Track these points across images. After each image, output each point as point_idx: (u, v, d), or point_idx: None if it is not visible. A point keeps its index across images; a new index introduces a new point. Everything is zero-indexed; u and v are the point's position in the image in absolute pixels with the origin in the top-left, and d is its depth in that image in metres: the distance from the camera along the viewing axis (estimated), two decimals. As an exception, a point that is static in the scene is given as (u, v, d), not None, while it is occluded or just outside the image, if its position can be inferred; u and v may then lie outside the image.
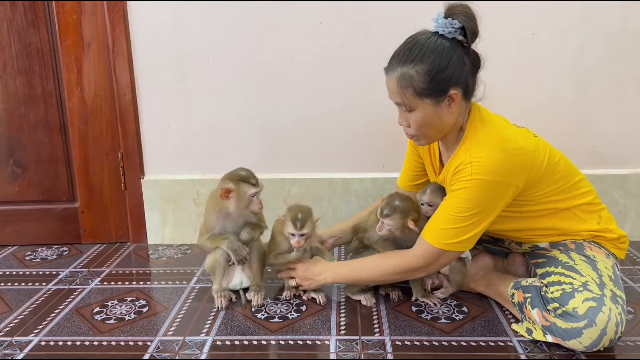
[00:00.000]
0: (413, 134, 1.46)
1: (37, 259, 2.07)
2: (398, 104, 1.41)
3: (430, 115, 1.39)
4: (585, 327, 1.26)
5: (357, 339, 1.43)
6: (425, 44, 1.34)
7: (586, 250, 1.46)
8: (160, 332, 1.49)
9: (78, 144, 2.12)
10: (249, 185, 1.55)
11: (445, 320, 1.52)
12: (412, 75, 1.34)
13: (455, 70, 1.34)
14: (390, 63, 1.39)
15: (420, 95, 1.35)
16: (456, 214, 1.38)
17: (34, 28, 2.02)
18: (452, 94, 1.36)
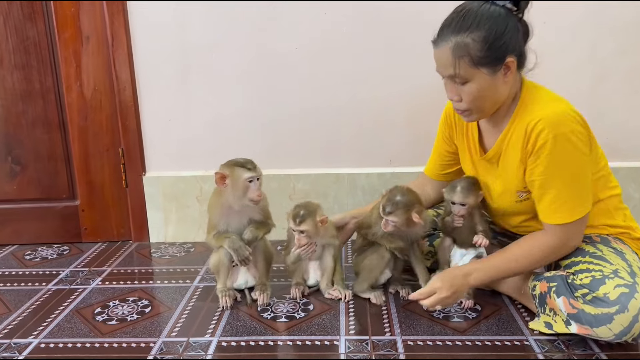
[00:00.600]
0: (465, 109, 1.37)
1: (37, 258, 2.03)
2: (450, 76, 1.33)
3: (486, 86, 1.32)
4: (617, 312, 1.21)
5: (367, 339, 1.38)
6: (479, 11, 1.28)
7: (612, 243, 1.42)
8: (164, 333, 1.45)
9: (78, 140, 2.07)
10: (244, 170, 1.49)
11: (458, 319, 1.47)
12: (467, 44, 1.27)
13: (512, 37, 1.29)
14: (440, 34, 1.32)
15: (477, 65, 1.29)
16: (564, 182, 1.31)
17: (31, 21, 1.97)
18: (509, 62, 1.30)
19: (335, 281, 1.63)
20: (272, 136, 2.06)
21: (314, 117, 2.04)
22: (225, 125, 2.05)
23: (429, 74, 1.97)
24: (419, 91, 1.99)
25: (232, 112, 2.04)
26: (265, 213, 1.61)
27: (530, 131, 1.31)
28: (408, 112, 2.02)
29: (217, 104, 2.04)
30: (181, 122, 2.06)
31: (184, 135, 2.07)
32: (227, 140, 2.06)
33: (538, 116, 1.30)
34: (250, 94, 2.02)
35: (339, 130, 2.05)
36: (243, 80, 2.01)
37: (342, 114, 2.03)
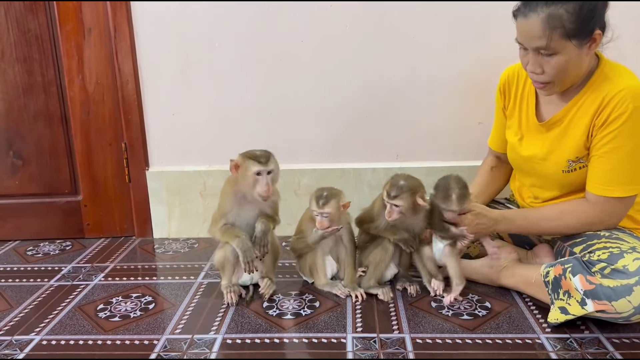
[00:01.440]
0: (547, 81, 1.34)
1: (39, 254, 2.00)
2: (538, 48, 1.29)
3: (574, 59, 1.30)
4: (637, 284, 1.20)
5: (375, 336, 1.35)
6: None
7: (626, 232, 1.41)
8: (168, 330, 1.42)
9: (80, 134, 2.04)
10: (254, 162, 1.46)
11: (468, 317, 1.44)
12: (561, 15, 1.24)
13: (601, 10, 1.28)
14: (528, 3, 1.28)
15: (569, 37, 1.26)
16: (626, 154, 1.30)
17: (32, 13, 1.94)
18: (596, 35, 1.28)
19: (347, 281, 1.60)
20: (277, 130, 2.03)
21: (319, 112, 2.01)
22: (229, 119, 2.02)
23: (437, 67, 1.96)
24: (427, 85, 1.96)
25: (236, 107, 2.01)
26: (274, 209, 1.59)
27: (610, 100, 1.30)
28: (415, 106, 1.98)
29: (221, 98, 2.01)
30: (185, 116, 2.03)
31: (187, 130, 2.04)
32: (231, 135, 2.03)
33: (621, 85, 1.29)
34: (255, 88, 1.99)
35: (344, 124, 2.02)
36: (247, 74, 1.98)
37: (348, 108, 2.00)
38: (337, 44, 1.93)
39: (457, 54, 1.92)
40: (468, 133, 1.97)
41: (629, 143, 1.30)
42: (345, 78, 1.97)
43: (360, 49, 1.93)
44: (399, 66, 1.94)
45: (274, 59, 1.96)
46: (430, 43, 1.92)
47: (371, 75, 1.96)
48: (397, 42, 1.92)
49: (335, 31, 1.92)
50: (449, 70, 1.93)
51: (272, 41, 1.94)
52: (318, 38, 1.93)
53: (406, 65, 1.94)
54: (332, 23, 1.91)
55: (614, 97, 1.29)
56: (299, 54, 1.95)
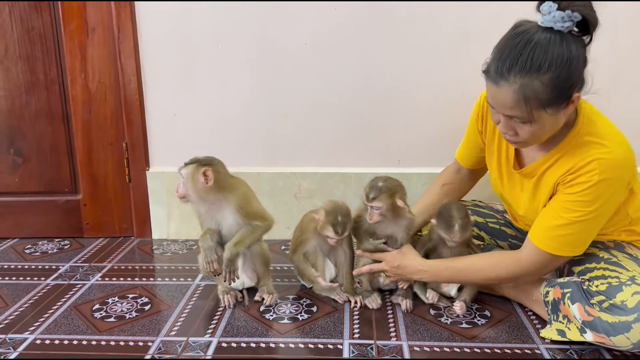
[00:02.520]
0: (519, 141, 1.27)
1: (37, 252, 1.99)
2: (511, 116, 1.21)
3: (549, 124, 1.21)
4: (636, 321, 1.17)
5: (372, 343, 1.34)
6: (548, 48, 1.13)
7: (626, 249, 1.37)
8: (163, 331, 1.41)
9: (81, 133, 2.03)
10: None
11: (467, 325, 1.42)
12: (536, 87, 1.14)
13: (580, 73, 1.17)
14: (499, 69, 1.16)
15: (544, 107, 1.16)
16: (574, 217, 1.25)
17: (36, 12, 1.93)
18: (574, 98, 1.19)
19: (346, 286, 1.58)
20: (279, 133, 2.02)
21: (321, 115, 2.00)
22: (230, 121, 2.01)
23: (439, 72, 1.94)
24: (429, 90, 1.95)
25: (238, 108, 2.00)
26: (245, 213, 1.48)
27: (580, 167, 1.24)
28: (417, 111, 1.97)
29: (223, 99, 2.00)
30: (186, 117, 2.02)
31: (188, 131, 2.03)
32: (232, 136, 2.02)
33: (593, 155, 1.22)
34: (256, 90, 1.98)
35: (346, 128, 2.00)
36: (250, 76, 1.97)
37: (350, 112, 1.98)
38: (340, 48, 1.92)
39: (460, 60, 1.91)
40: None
41: (586, 210, 1.25)
42: (348, 82, 1.96)
43: (364, 53, 1.92)
44: (402, 71, 1.93)
45: (277, 61, 1.95)
46: (434, 49, 1.91)
47: (374, 79, 1.95)
48: (401, 47, 1.91)
49: (339, 35, 1.91)
50: (452, 77, 1.92)
51: (276, 43, 1.94)
52: (321, 41, 1.92)
53: (409, 71, 1.93)
54: (336, 27, 1.90)
55: (584, 166, 1.23)
56: (302, 57, 1.94)
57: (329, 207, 1.48)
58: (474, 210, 1.69)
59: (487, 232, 1.68)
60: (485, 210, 1.70)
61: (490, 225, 1.67)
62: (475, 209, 1.70)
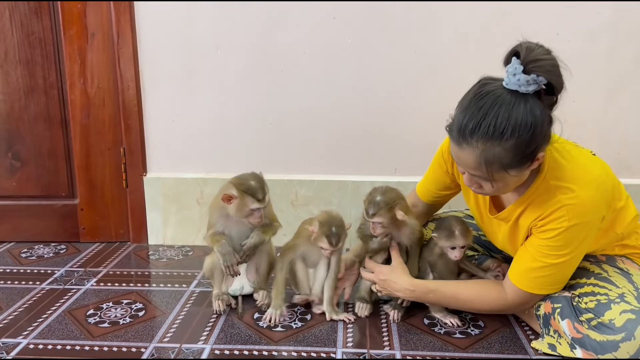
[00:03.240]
0: (484, 193, 1.28)
1: (33, 256, 2.00)
2: (473, 175, 1.21)
3: (512, 181, 1.21)
4: (623, 340, 1.17)
5: (365, 352, 1.34)
6: (512, 112, 1.10)
7: (618, 263, 1.37)
8: (156, 338, 1.41)
9: (79, 138, 2.04)
10: (252, 200, 1.44)
11: (460, 335, 1.42)
12: (498, 153, 1.12)
13: (545, 134, 1.15)
14: (461, 132, 1.15)
15: (507, 169, 1.15)
16: (550, 262, 1.26)
17: (36, 16, 1.94)
18: (539, 157, 1.17)
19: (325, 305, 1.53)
20: (276, 141, 2.03)
21: (319, 123, 2.00)
22: (228, 128, 2.02)
23: (436, 82, 1.95)
24: (426, 99, 1.95)
25: (236, 115, 2.01)
26: (271, 216, 1.57)
27: (549, 214, 1.24)
28: (414, 120, 1.98)
29: (221, 106, 2.00)
30: (184, 123, 2.03)
31: (186, 137, 2.04)
32: (230, 143, 2.03)
33: (561, 201, 1.21)
34: (255, 97, 1.99)
35: (344, 136, 2.01)
36: (248, 83, 1.98)
37: (347, 120, 1.99)
38: (338, 57, 1.93)
39: (457, 69, 1.91)
40: (467, 149, 1.96)
41: (558, 253, 1.25)
42: (346, 90, 1.97)
43: (362, 62, 1.93)
44: (400, 80, 1.94)
45: (276, 69, 1.96)
46: (431, 59, 1.92)
47: (372, 88, 1.96)
48: (399, 56, 1.92)
49: (338, 43, 1.92)
50: (449, 86, 1.92)
51: (274, 51, 1.95)
52: (320, 50, 1.93)
53: (407, 79, 1.94)
54: (335, 35, 1.92)
55: (551, 213, 1.23)
56: (300, 65, 1.95)
57: (323, 218, 1.48)
58: (468, 223, 1.68)
59: (480, 245, 1.68)
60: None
61: (483, 239, 1.66)
62: (469, 221, 1.70)
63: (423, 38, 1.90)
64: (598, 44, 1.87)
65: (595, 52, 1.88)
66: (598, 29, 1.86)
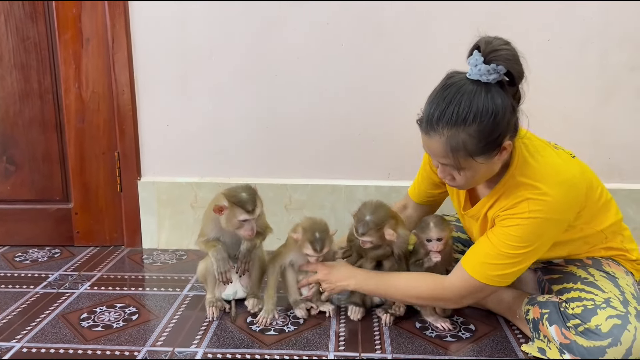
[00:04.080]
0: (457, 185, 1.32)
1: (27, 260, 2.00)
2: (444, 164, 1.26)
3: (482, 170, 1.24)
4: (609, 345, 1.18)
5: (357, 355, 1.35)
6: (473, 99, 1.16)
7: (604, 266, 1.38)
8: (149, 341, 1.41)
9: (74, 142, 2.05)
10: (242, 211, 1.44)
11: (451, 339, 1.43)
12: (463, 139, 1.17)
13: (508, 122, 1.19)
14: (429, 122, 1.21)
15: (473, 156, 1.19)
16: (505, 251, 1.27)
17: (32, 21, 1.95)
18: (505, 145, 1.21)
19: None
20: (270, 145, 2.04)
21: (312, 127, 2.02)
22: (222, 132, 2.03)
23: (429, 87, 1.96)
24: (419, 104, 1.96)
25: (230, 120, 2.02)
26: (262, 223, 1.58)
27: (512, 206, 1.26)
28: (407, 125, 1.98)
29: (216, 110, 2.02)
30: (178, 127, 2.04)
31: (180, 141, 2.05)
32: (224, 147, 2.04)
33: (524, 195, 1.24)
34: (249, 102, 2.00)
35: (337, 141, 2.03)
36: (242, 88, 1.99)
37: (341, 125, 2.01)
38: (332, 62, 1.95)
39: (450, 75, 1.93)
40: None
41: (515, 245, 1.26)
42: (339, 95, 1.98)
43: (355, 67, 1.95)
44: (392, 85, 1.96)
45: (269, 74, 1.97)
46: (424, 64, 1.93)
47: (365, 93, 1.97)
48: (391, 62, 1.94)
49: (331, 49, 1.94)
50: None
51: (268, 56, 1.96)
52: (314, 55, 1.95)
53: (399, 85, 1.95)
54: (328, 41, 1.93)
55: (514, 205, 1.26)
56: (294, 70, 1.96)
57: (306, 224, 1.49)
58: (458, 227, 1.70)
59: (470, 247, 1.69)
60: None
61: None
62: (459, 225, 1.72)
63: (415, 44, 1.91)
64: (589, 49, 1.89)
65: (586, 58, 1.90)
66: (589, 35, 1.88)
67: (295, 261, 1.56)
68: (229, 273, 1.52)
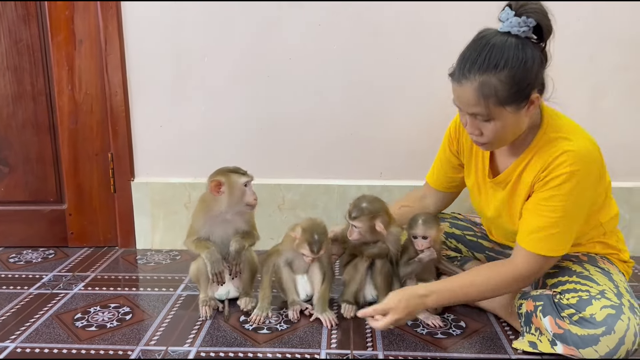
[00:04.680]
0: (485, 142, 1.32)
1: (22, 261, 2.00)
2: (474, 114, 1.27)
3: (510, 123, 1.27)
4: (603, 334, 1.21)
5: (348, 353, 1.36)
6: (504, 48, 1.21)
7: (599, 263, 1.41)
8: (143, 341, 1.42)
9: (67, 144, 2.05)
10: (239, 175, 1.50)
11: (442, 336, 1.45)
12: (494, 84, 1.21)
13: (537, 73, 1.24)
14: (461, 70, 1.25)
15: (503, 104, 1.23)
16: (557, 215, 1.28)
17: (24, 23, 1.96)
18: (533, 98, 1.25)
19: (316, 303, 1.56)
20: (263, 145, 2.05)
21: (305, 127, 2.03)
22: (215, 133, 2.04)
23: (421, 87, 1.98)
24: (411, 105, 1.99)
25: (223, 120, 2.03)
26: (250, 223, 1.60)
27: (551, 162, 1.28)
28: (399, 125, 2.01)
29: (209, 111, 2.03)
30: (172, 128, 2.05)
31: (174, 142, 2.06)
32: (217, 148, 2.05)
33: (562, 148, 1.27)
34: (242, 103, 2.02)
35: (330, 141, 2.04)
36: (235, 89, 2.01)
37: (334, 125, 2.02)
38: (325, 63, 1.96)
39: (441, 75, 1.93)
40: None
41: (566, 205, 1.27)
42: (332, 96, 2.00)
43: (347, 68, 1.96)
44: (384, 86, 1.97)
45: (262, 74, 1.99)
46: (416, 65, 1.95)
47: (358, 93, 1.99)
48: (383, 62, 1.95)
49: (324, 50, 1.95)
50: (433, 92, 1.96)
51: (261, 57, 1.97)
52: (306, 56, 1.96)
53: (392, 85, 1.97)
54: (321, 42, 1.95)
55: (555, 159, 1.27)
56: (287, 71, 1.98)
57: (306, 225, 1.50)
58: (452, 223, 1.72)
59: (465, 245, 1.71)
60: (464, 222, 1.74)
61: (468, 238, 1.70)
62: (454, 222, 1.73)
63: (407, 45, 1.93)
64: (581, 49, 1.91)
65: (578, 58, 1.92)
66: (581, 35, 1.90)
67: (292, 261, 1.57)
68: (223, 274, 1.53)
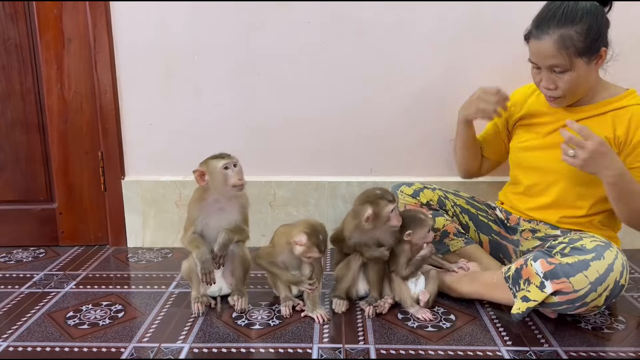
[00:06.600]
0: (559, 95, 1.49)
1: (12, 261, 2.00)
2: (551, 66, 1.44)
3: (583, 75, 1.45)
4: (593, 259, 1.31)
5: (340, 347, 1.38)
6: (578, 5, 1.41)
7: None
8: (135, 338, 1.43)
9: (57, 143, 2.05)
10: (217, 160, 1.52)
11: (432, 329, 1.47)
12: (572, 36, 1.40)
13: (605, 29, 1.44)
14: (540, 26, 1.44)
15: (580, 54, 1.41)
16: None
17: (12, 22, 1.95)
18: (602, 52, 1.45)
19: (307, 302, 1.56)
20: (254, 143, 2.06)
21: (295, 125, 2.04)
22: (206, 131, 2.05)
23: (410, 85, 2.00)
24: (400, 101, 2.00)
25: (214, 118, 2.04)
26: (244, 216, 1.60)
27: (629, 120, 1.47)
28: (389, 122, 2.03)
29: (199, 109, 2.03)
30: (162, 126, 2.05)
31: (164, 140, 2.06)
32: (207, 146, 2.01)
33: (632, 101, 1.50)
34: (232, 100, 2.02)
35: (320, 138, 2.05)
36: (225, 87, 2.01)
37: (324, 122, 2.03)
38: (313, 60, 1.97)
39: (429, 72, 1.97)
40: (437, 150, 2.02)
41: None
42: (321, 93, 2.01)
43: (336, 65, 1.98)
44: (373, 83, 1.99)
45: (252, 72, 1.99)
46: (405, 61, 1.97)
47: (347, 90, 2.00)
48: (372, 59, 1.97)
49: (312, 47, 1.96)
50: (421, 89, 1.98)
51: (250, 55, 1.98)
52: (295, 53, 1.97)
53: (381, 82, 1.99)
54: (309, 39, 1.95)
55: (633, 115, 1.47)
56: (276, 68, 1.99)
57: (308, 229, 1.49)
58: (469, 202, 1.79)
59: (475, 223, 1.76)
60: (479, 204, 1.80)
61: (480, 218, 1.77)
62: (471, 201, 1.81)
63: (396, 41, 1.94)
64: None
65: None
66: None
67: (286, 262, 1.58)
68: (212, 274, 1.54)
